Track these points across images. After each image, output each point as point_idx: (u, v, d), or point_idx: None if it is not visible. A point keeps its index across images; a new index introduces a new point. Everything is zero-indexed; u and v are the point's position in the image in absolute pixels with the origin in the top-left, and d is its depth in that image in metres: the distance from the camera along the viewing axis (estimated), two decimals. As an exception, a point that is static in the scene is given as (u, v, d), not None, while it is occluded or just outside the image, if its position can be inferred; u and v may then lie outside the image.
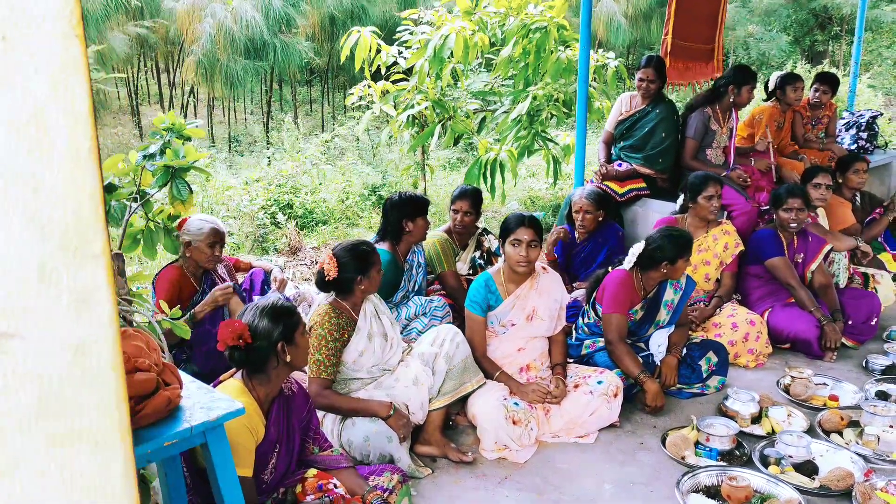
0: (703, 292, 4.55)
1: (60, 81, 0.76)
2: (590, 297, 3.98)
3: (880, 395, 3.74)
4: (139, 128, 12.10)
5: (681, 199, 4.66)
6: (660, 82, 5.34)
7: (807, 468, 3.08)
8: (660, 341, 3.88)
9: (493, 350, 3.64)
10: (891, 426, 3.37)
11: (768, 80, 6.10)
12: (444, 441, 3.30)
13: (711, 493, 2.98)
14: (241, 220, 6.66)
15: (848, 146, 6.76)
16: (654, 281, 3.82)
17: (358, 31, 6.29)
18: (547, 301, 3.62)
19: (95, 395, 0.74)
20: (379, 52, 6.40)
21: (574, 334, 4.06)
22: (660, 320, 3.88)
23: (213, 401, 2.11)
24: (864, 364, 4.21)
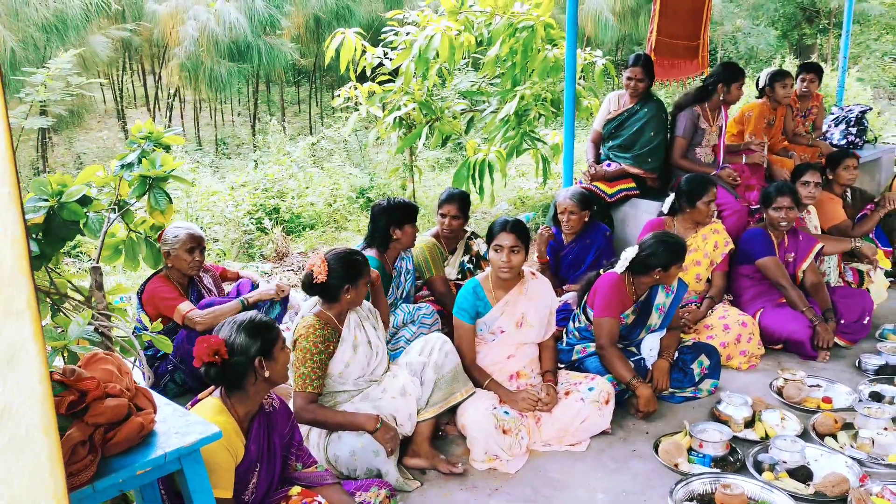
0: (694, 293, 4.50)
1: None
2: (581, 301, 3.92)
3: (874, 396, 3.69)
4: (125, 131, 11.98)
5: (669, 199, 4.60)
6: (648, 81, 5.28)
7: (801, 474, 3.04)
8: (651, 345, 3.83)
9: (483, 358, 3.57)
10: (885, 429, 3.33)
11: (759, 77, 6.05)
12: (434, 453, 3.23)
13: (705, 500, 2.93)
14: (227, 227, 6.57)
15: (838, 142, 6.73)
16: (646, 285, 3.76)
17: (342, 33, 6.22)
18: (537, 307, 3.56)
19: (24, 462, 0.67)
20: (364, 53, 6.33)
21: (564, 339, 4.00)
22: (651, 324, 3.82)
23: (188, 425, 2.05)
24: (857, 364, 4.17)
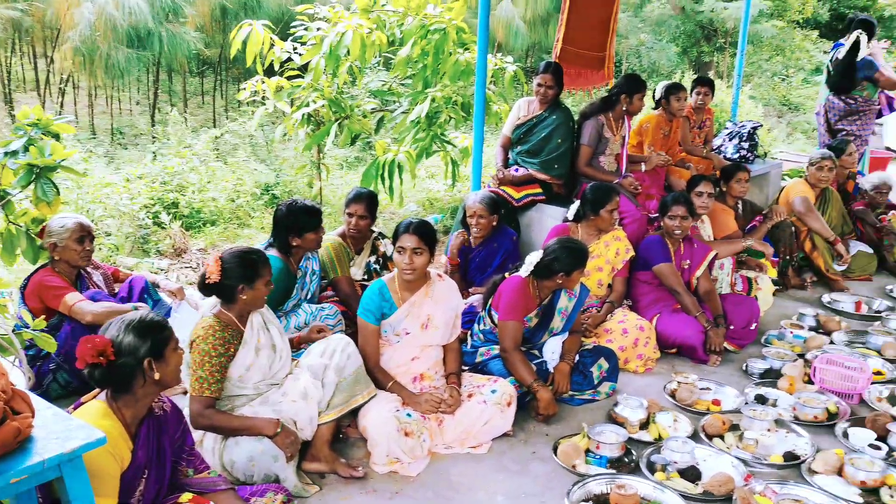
0: (595, 298, 4.60)
1: None
2: (486, 304, 3.94)
3: (759, 399, 3.90)
4: (12, 117, 11.21)
5: (574, 206, 4.70)
6: (557, 88, 5.39)
7: (691, 474, 3.15)
8: (553, 348, 3.89)
9: (387, 360, 3.53)
10: (769, 430, 3.51)
11: (654, 90, 6.28)
12: (334, 456, 3.17)
13: (601, 501, 3.00)
14: (121, 220, 6.24)
15: (731, 155, 7.06)
16: (550, 289, 3.82)
17: (250, 24, 6.03)
18: (443, 309, 3.55)
19: None
20: (272, 46, 6.16)
21: (469, 341, 4.02)
22: (554, 327, 3.88)
23: (69, 430, 1.92)
24: (744, 368, 4.38)
